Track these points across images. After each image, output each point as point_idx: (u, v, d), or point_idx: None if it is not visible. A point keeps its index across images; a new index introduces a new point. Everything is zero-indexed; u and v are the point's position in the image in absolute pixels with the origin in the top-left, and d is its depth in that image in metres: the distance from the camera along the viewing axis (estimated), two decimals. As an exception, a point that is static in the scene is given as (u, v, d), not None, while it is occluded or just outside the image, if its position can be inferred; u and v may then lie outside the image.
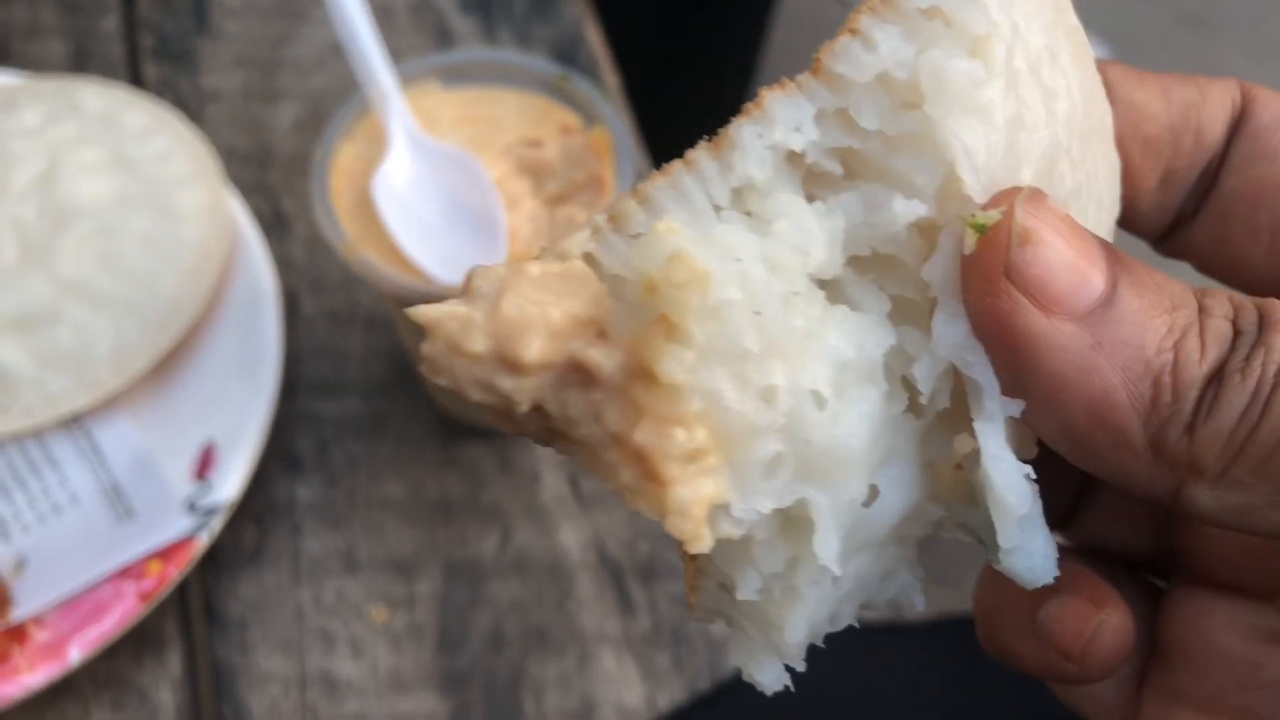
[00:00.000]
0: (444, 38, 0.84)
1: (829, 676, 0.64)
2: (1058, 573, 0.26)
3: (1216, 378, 0.23)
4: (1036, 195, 0.24)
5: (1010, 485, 0.25)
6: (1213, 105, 0.32)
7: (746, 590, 0.26)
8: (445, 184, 0.58)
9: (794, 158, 0.25)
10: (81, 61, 0.82)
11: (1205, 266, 0.33)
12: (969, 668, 0.64)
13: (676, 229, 0.24)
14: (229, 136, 0.79)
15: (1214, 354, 0.24)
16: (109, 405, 0.67)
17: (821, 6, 2.29)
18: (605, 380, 0.24)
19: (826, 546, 0.25)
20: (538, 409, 0.25)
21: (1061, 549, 0.27)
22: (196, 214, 0.70)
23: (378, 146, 0.59)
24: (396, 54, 0.60)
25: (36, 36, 0.83)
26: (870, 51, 0.25)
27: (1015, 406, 0.25)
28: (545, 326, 0.25)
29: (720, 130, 0.25)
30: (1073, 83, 0.27)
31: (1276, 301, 0.24)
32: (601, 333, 0.25)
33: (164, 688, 0.62)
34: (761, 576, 0.26)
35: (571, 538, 0.67)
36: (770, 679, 0.28)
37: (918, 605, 0.28)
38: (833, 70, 0.25)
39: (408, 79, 0.60)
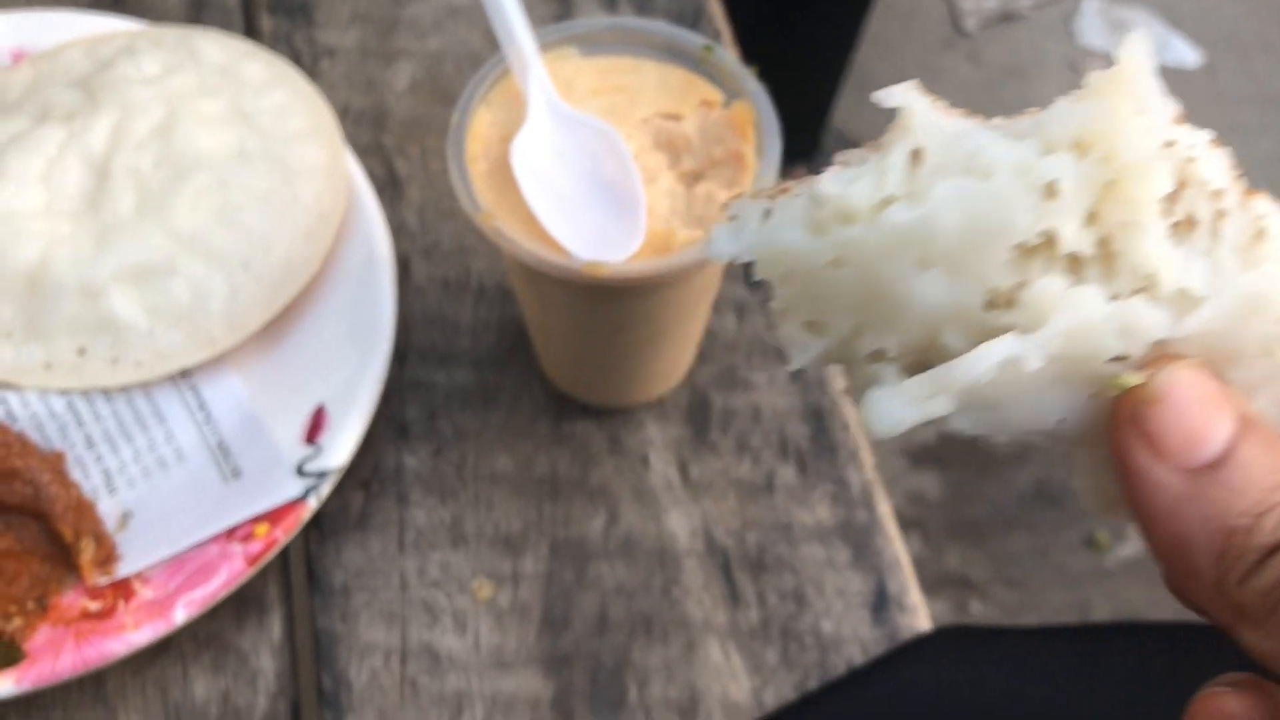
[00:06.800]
0: (564, 3, 0.82)
1: (930, 683, 0.62)
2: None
3: (1276, 549, 0.28)
4: (1189, 365, 0.29)
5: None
6: None
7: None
8: (584, 155, 0.56)
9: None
10: (197, 9, 0.81)
11: None
12: (1073, 674, 0.62)
13: None
14: (344, 94, 0.78)
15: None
16: (219, 363, 0.66)
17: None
18: None
19: None
20: None
21: None
22: (314, 172, 0.68)
23: (513, 112, 0.57)
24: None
25: (153, -17, 0.82)
26: None
27: None
28: None
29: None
30: None
31: None
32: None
33: (264, 653, 0.61)
34: None
35: (679, 523, 0.66)
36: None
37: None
38: None
39: (545, 45, 0.58)
